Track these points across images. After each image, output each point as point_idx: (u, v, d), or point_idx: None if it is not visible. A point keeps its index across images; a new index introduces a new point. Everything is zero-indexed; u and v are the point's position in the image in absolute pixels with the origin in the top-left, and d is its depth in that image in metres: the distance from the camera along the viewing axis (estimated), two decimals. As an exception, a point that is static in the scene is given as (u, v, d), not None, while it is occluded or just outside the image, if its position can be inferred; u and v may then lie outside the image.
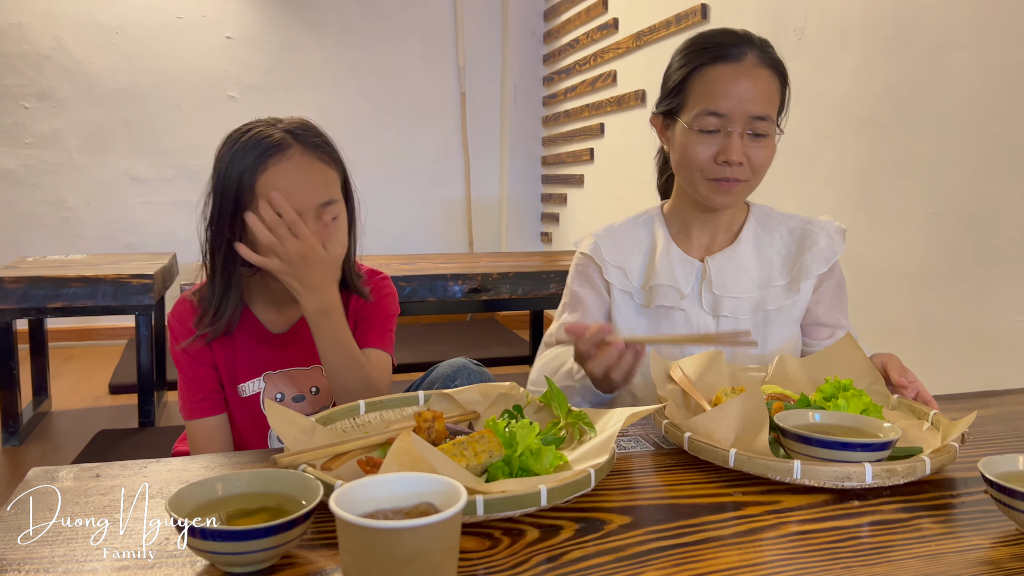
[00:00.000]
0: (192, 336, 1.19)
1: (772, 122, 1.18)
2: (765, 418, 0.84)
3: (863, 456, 0.80)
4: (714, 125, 1.16)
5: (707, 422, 0.87)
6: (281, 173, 1.10)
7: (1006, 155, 1.74)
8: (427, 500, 0.56)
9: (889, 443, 0.82)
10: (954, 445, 0.84)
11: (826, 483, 0.78)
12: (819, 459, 0.81)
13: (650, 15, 3.39)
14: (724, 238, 1.29)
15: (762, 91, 1.16)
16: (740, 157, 1.16)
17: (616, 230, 1.34)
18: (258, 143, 1.12)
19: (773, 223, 1.31)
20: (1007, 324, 1.74)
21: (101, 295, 2.57)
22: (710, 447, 0.84)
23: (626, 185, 3.72)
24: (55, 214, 4.26)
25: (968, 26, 1.83)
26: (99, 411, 3.13)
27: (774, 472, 0.80)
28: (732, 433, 0.86)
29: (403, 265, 3.00)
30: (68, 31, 4.15)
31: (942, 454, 0.82)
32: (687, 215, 1.29)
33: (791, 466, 0.79)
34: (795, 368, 1.09)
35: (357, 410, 0.96)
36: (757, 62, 1.18)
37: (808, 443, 0.83)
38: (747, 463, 0.81)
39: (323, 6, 4.51)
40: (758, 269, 1.26)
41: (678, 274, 1.26)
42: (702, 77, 1.19)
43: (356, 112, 4.55)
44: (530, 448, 0.79)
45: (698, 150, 1.18)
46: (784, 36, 2.44)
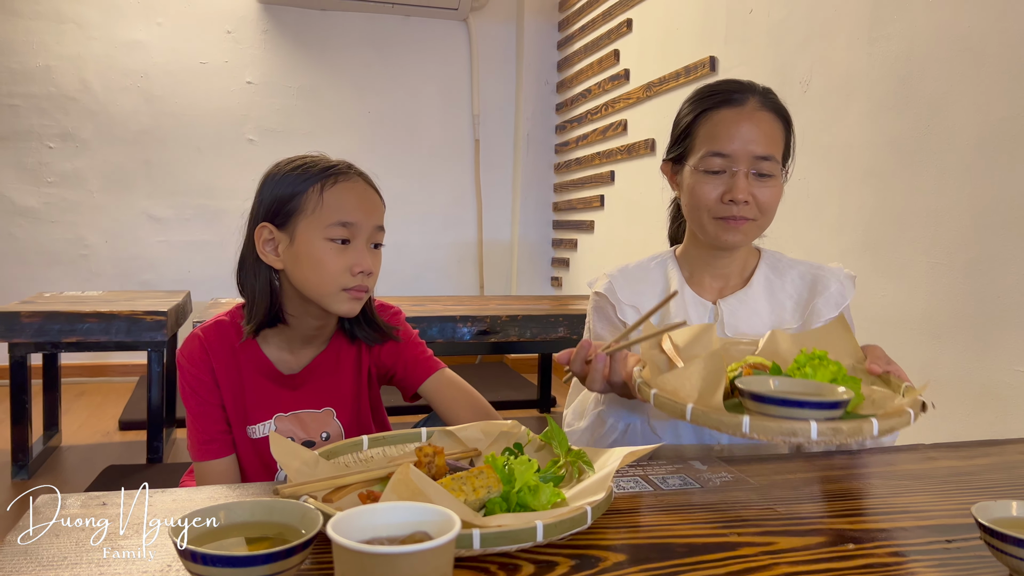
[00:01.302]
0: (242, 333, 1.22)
1: (776, 163, 1.21)
2: (723, 376, 0.88)
3: (810, 414, 0.82)
4: (719, 166, 1.20)
5: (673, 380, 0.91)
6: (349, 190, 1.18)
7: (1005, 207, 1.76)
8: (422, 529, 0.57)
9: (839, 403, 0.84)
10: (909, 410, 0.85)
11: (773, 438, 0.81)
12: (770, 416, 0.84)
13: (660, 67, 3.46)
14: (736, 282, 1.32)
15: (764, 132, 1.20)
16: (746, 196, 1.19)
17: (630, 271, 1.36)
18: (318, 163, 1.20)
19: (784, 268, 1.33)
20: (1009, 374, 1.74)
21: (115, 331, 2.61)
22: (671, 402, 0.87)
23: (636, 231, 3.76)
24: (73, 251, 4.34)
25: (967, 81, 1.86)
26: (108, 447, 3.14)
27: (725, 427, 0.83)
28: (695, 391, 0.89)
29: (413, 306, 3.03)
30: (94, 75, 4.28)
31: (892, 417, 0.83)
32: (699, 259, 1.32)
33: (740, 420, 0.82)
34: (786, 343, 1.10)
35: (360, 445, 0.97)
36: (759, 106, 1.22)
37: (761, 401, 0.86)
38: (701, 417, 0.84)
39: (343, 54, 4.63)
40: (770, 312, 1.28)
41: (691, 315, 1.28)
42: (707, 121, 1.23)
43: (372, 157, 4.64)
44: (528, 484, 0.80)
45: (705, 190, 1.21)
46: (790, 88, 2.49)
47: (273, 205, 1.17)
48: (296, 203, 1.16)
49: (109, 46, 4.28)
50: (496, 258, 5.02)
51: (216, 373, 1.22)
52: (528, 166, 4.88)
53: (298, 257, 1.16)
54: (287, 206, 1.16)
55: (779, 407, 0.84)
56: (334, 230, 1.15)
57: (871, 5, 2.18)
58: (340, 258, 1.15)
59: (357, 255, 1.16)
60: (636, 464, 1.02)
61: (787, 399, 0.84)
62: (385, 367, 1.31)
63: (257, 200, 1.21)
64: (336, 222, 1.15)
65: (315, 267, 1.15)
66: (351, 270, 1.16)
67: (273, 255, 1.18)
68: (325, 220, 1.15)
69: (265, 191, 1.20)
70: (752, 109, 1.22)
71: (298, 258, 1.16)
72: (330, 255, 1.15)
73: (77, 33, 4.23)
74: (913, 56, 2.03)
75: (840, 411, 0.84)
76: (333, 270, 1.15)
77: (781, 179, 1.23)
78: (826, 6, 2.37)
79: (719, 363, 0.89)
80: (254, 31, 4.49)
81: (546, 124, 4.89)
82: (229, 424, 1.23)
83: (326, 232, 1.15)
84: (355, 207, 1.17)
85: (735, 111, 1.22)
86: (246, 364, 1.23)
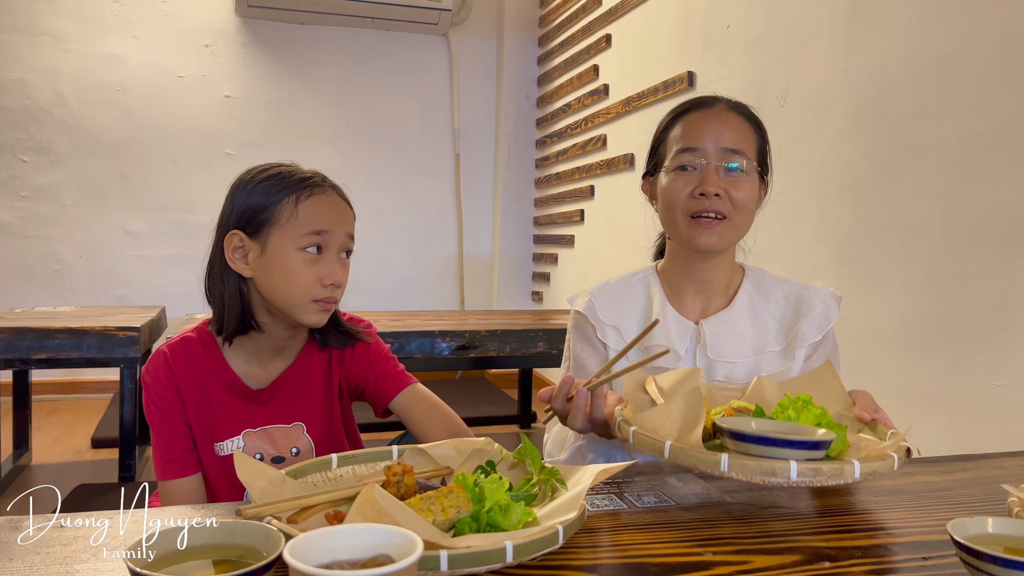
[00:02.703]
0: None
1: (748, 160, 1.21)
2: (702, 414, 0.87)
3: (791, 453, 0.81)
4: (689, 160, 1.20)
5: (652, 417, 0.89)
6: (323, 202, 1.18)
7: (979, 221, 1.77)
8: (384, 552, 0.55)
9: (820, 443, 0.82)
10: (892, 455, 0.83)
11: (752, 478, 0.79)
12: (750, 455, 0.82)
13: (639, 82, 3.48)
14: (719, 301, 1.29)
15: (733, 129, 1.22)
16: (716, 188, 1.18)
17: (611, 287, 1.35)
18: (292, 173, 1.19)
19: (768, 287, 1.31)
20: (984, 389, 1.75)
21: (87, 347, 2.56)
22: (649, 439, 0.86)
23: (616, 246, 3.76)
24: (47, 266, 4.27)
25: (941, 96, 1.88)
26: (80, 465, 3.08)
27: (704, 464, 0.81)
28: (675, 430, 0.88)
29: (393, 321, 3.00)
30: (70, 88, 4.23)
31: (875, 459, 0.82)
32: (680, 272, 1.30)
33: (719, 459, 0.80)
34: (772, 390, 1.09)
35: (329, 463, 0.95)
36: (728, 108, 1.25)
37: (741, 439, 0.84)
38: (680, 455, 0.83)
39: (322, 68, 4.62)
40: (753, 334, 1.26)
41: (673, 336, 1.25)
42: (678, 126, 1.25)
43: (351, 170, 4.61)
44: (499, 504, 0.78)
45: (676, 187, 1.21)
46: (768, 103, 2.50)
47: (245, 213, 1.16)
48: (269, 213, 1.15)
49: (85, 59, 4.24)
50: (477, 273, 5.00)
51: (181, 390, 1.20)
52: (508, 180, 4.88)
53: (269, 267, 1.15)
54: (260, 216, 1.16)
55: (758, 445, 0.82)
56: (307, 239, 1.15)
57: (847, 21, 2.20)
58: (311, 269, 1.15)
59: (328, 267, 1.16)
60: (611, 481, 1.00)
61: (767, 437, 0.82)
62: (356, 381, 1.29)
63: (228, 207, 1.19)
64: (310, 231, 1.15)
65: (286, 277, 1.15)
66: (322, 281, 1.16)
67: (242, 263, 1.17)
68: (299, 231, 1.15)
69: (237, 199, 1.18)
70: (721, 110, 1.24)
71: (269, 268, 1.15)
72: (302, 266, 1.15)
73: (52, 46, 4.19)
74: (888, 72, 2.05)
75: (822, 452, 0.83)
76: (304, 282, 1.15)
77: (756, 180, 1.23)
78: (803, 22, 2.39)
79: (698, 401, 0.88)
80: (232, 45, 4.47)
81: (526, 139, 4.89)
82: (195, 442, 1.21)
83: (299, 242, 1.15)
84: (328, 218, 1.17)
85: (704, 112, 1.24)
86: (213, 380, 1.21)
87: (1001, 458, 1.18)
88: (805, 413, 0.92)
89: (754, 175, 1.22)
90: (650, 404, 1.02)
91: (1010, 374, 1.69)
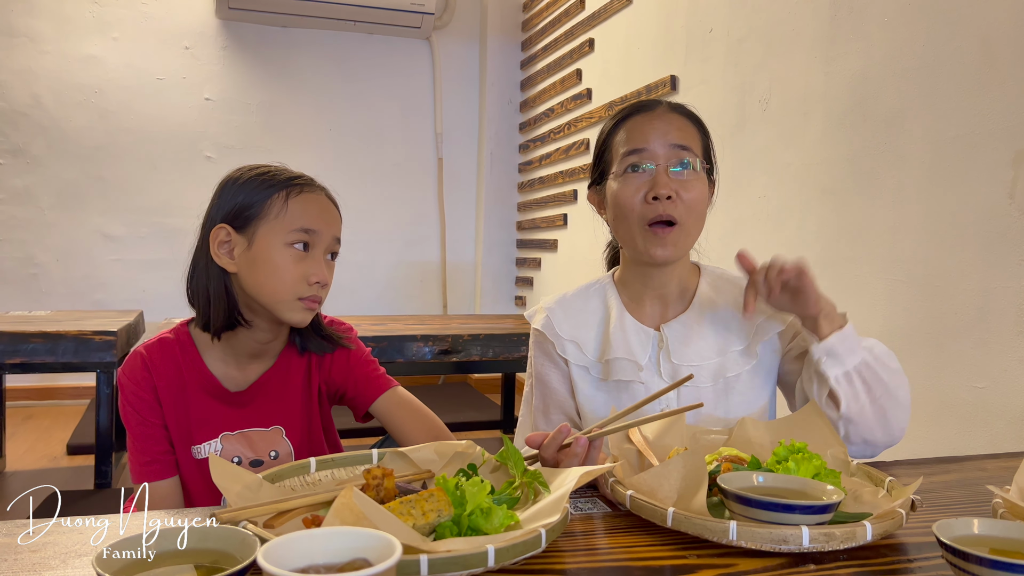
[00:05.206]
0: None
1: (695, 156, 1.21)
2: (704, 477, 0.82)
3: (801, 519, 0.78)
4: (637, 161, 1.19)
5: (650, 480, 0.85)
6: (313, 200, 1.17)
7: (960, 223, 1.78)
8: (362, 555, 0.54)
9: (829, 506, 0.79)
10: (900, 511, 0.81)
11: (763, 545, 0.76)
12: (757, 520, 0.79)
13: (622, 86, 3.48)
14: (678, 305, 1.28)
15: (677, 127, 1.21)
16: (668, 190, 1.17)
17: (568, 301, 1.33)
18: (282, 172, 1.19)
19: (725, 285, 1.29)
20: (966, 391, 1.75)
21: (62, 351, 2.51)
22: (650, 506, 0.82)
23: (599, 250, 3.74)
24: (23, 270, 4.20)
25: (922, 99, 1.89)
26: (55, 471, 3.03)
27: (711, 533, 0.78)
28: (675, 492, 0.84)
29: (374, 326, 2.98)
30: (46, 89, 4.17)
31: (885, 520, 0.80)
32: (636, 280, 1.29)
33: (727, 527, 0.77)
34: (756, 431, 1.07)
35: (308, 467, 0.93)
36: (669, 109, 1.24)
37: (747, 504, 0.80)
38: (684, 523, 0.79)
39: (304, 71, 4.59)
40: (714, 335, 1.24)
41: (634, 345, 1.24)
42: (621, 130, 1.24)
43: (334, 175, 4.52)
44: (480, 507, 0.76)
45: (627, 192, 1.20)
46: (750, 107, 2.51)
47: (234, 208, 1.16)
48: (259, 208, 1.15)
49: (62, 61, 4.19)
50: (460, 277, 4.98)
51: (158, 392, 1.18)
52: (491, 185, 4.87)
53: (255, 261, 1.14)
54: (249, 210, 1.15)
55: (767, 511, 0.79)
56: (295, 235, 1.14)
57: (828, 25, 2.21)
58: (298, 266, 1.14)
59: (315, 265, 1.16)
60: (594, 484, 0.99)
61: (775, 503, 0.79)
62: (336, 384, 1.28)
63: (216, 203, 1.18)
64: (299, 228, 1.15)
65: (272, 272, 1.14)
66: (308, 279, 1.15)
67: (227, 257, 1.16)
68: (288, 227, 1.14)
69: (226, 195, 1.18)
70: (663, 111, 1.23)
71: (255, 262, 1.14)
72: (289, 262, 1.14)
73: (29, 47, 4.13)
74: (870, 75, 2.06)
75: (830, 515, 0.80)
76: (290, 278, 1.14)
77: (705, 180, 1.22)
78: (784, 26, 2.40)
79: (699, 462, 0.83)
80: (213, 47, 4.43)
81: (509, 143, 4.89)
82: (172, 445, 1.19)
83: (287, 237, 1.14)
84: (317, 217, 1.17)
85: (647, 114, 1.23)
86: (191, 382, 1.19)
87: (984, 460, 1.18)
88: (805, 464, 0.88)
89: (703, 174, 1.22)
90: (636, 455, 1.00)
91: (992, 376, 1.70)
